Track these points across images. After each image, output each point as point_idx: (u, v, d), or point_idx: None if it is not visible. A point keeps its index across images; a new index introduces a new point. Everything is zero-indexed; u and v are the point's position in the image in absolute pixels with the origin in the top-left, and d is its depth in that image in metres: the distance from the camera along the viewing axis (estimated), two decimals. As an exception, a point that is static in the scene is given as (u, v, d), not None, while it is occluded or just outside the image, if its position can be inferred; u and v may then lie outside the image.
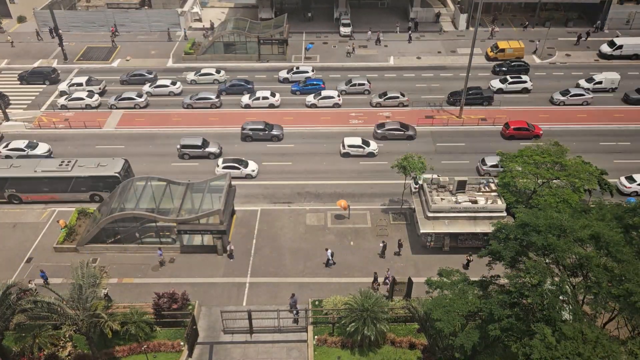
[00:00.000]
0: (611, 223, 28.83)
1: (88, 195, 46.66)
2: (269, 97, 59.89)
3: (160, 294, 35.45)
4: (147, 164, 51.35)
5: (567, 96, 59.52)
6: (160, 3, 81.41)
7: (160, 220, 40.83)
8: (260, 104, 59.88)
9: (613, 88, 61.52)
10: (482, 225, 39.96)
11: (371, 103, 60.30)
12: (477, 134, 55.26)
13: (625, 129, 55.74)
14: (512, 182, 39.54)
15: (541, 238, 27.02)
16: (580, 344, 24.39)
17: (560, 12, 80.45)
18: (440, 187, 42.06)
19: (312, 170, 50.95)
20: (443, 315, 27.91)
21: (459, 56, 70.45)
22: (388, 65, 68.92)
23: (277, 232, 43.77)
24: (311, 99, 60.09)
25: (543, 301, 25.79)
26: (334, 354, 34.30)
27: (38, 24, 77.03)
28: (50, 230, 43.93)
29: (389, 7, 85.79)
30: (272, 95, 60.22)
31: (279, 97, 60.39)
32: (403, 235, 43.33)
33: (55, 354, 33.49)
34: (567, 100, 59.50)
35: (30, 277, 39.43)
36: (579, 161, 40.26)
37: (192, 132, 55.80)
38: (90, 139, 55.52)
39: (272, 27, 70.78)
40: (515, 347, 25.46)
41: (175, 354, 34.47)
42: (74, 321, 31.24)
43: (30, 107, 60.98)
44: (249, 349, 35.14)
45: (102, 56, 71.13)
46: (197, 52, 70.21)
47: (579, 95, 59.39)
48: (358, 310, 33.39)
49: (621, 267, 25.97)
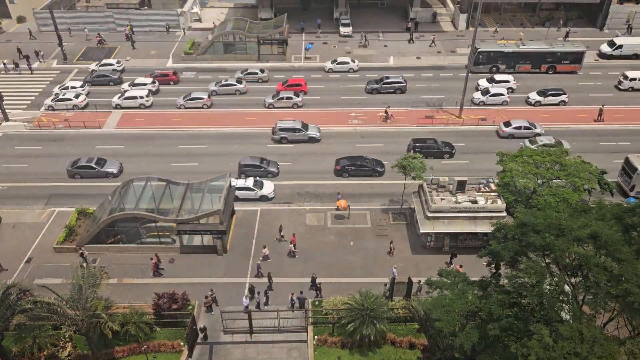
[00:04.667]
0: (610, 223, 28.81)
1: None
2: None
3: (160, 294, 35.46)
4: (147, 164, 51.38)
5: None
6: (160, 3, 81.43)
7: (160, 220, 40.82)
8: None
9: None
10: (482, 225, 39.96)
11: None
12: (477, 134, 55.24)
13: (625, 129, 55.71)
14: (512, 182, 39.54)
15: (539, 238, 27.02)
16: (577, 343, 24.38)
17: (561, 12, 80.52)
18: (440, 187, 42.08)
19: (312, 170, 50.94)
20: (443, 315, 27.92)
21: (459, 56, 70.45)
22: (388, 65, 68.94)
23: (277, 232, 43.73)
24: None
25: (541, 301, 25.79)
26: (334, 354, 34.30)
27: (38, 24, 77.15)
28: (50, 231, 43.93)
29: (389, 7, 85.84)
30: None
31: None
32: (403, 235, 43.33)
33: (55, 354, 33.46)
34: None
35: (30, 277, 39.46)
36: (579, 161, 40.29)
37: (195, 133, 55.70)
38: (90, 139, 55.51)
39: (271, 27, 70.83)
40: (515, 347, 25.46)
41: (175, 354, 34.46)
42: (73, 321, 31.27)
43: (30, 107, 61.07)
44: (249, 349, 35.12)
45: (102, 56, 71.12)
46: (197, 52, 70.22)
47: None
48: (358, 309, 33.41)
49: (620, 267, 25.97)
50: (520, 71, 65.70)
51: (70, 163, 50.28)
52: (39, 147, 54.60)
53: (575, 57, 64.96)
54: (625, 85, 62.00)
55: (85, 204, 46.40)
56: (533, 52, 65.04)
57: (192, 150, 53.74)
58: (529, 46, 65.51)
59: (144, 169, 50.25)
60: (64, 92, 60.92)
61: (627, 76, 62.15)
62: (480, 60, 65.22)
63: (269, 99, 60.07)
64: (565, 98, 59.51)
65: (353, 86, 64.18)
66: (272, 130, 54.53)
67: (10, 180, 50.02)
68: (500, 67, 65.62)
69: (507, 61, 65.37)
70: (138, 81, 62.80)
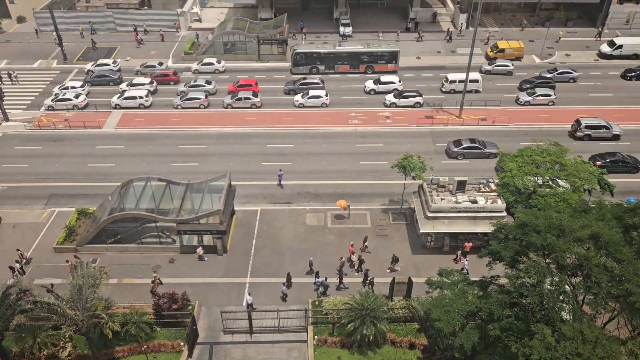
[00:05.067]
0: (611, 223, 28.81)
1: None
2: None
3: (160, 294, 35.45)
4: (147, 164, 51.38)
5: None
6: (160, 3, 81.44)
7: (160, 220, 40.81)
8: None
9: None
10: (482, 225, 39.96)
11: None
12: (477, 134, 55.21)
13: (625, 128, 55.68)
14: (512, 182, 39.55)
15: (540, 238, 27.01)
16: (579, 344, 24.37)
17: (561, 12, 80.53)
18: (440, 187, 42.08)
19: (312, 170, 50.94)
20: (443, 315, 27.92)
21: (459, 56, 70.46)
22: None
23: (277, 232, 43.74)
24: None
25: (542, 301, 25.79)
26: (334, 354, 34.29)
27: (37, 24, 77.10)
28: (50, 231, 43.92)
29: (389, 7, 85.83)
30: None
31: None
32: (403, 235, 43.34)
33: (55, 354, 33.43)
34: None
35: (29, 278, 39.45)
36: (579, 161, 40.30)
37: (194, 133, 55.81)
38: (90, 140, 55.52)
39: (271, 27, 70.84)
40: (515, 347, 25.45)
41: (175, 354, 34.46)
42: (73, 321, 31.27)
43: (30, 107, 61.07)
44: (249, 349, 35.11)
45: (102, 57, 71.03)
46: (197, 52, 70.23)
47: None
48: (357, 309, 33.40)
49: (621, 267, 25.97)
50: (340, 72, 66.05)
51: (451, 143, 52.13)
52: (39, 147, 54.59)
53: (390, 56, 65.36)
54: (446, 87, 61.80)
55: (85, 204, 46.43)
56: (349, 53, 65.40)
57: (192, 150, 53.75)
58: (345, 47, 65.95)
59: (144, 169, 50.26)
60: (64, 92, 60.92)
61: (448, 78, 62.10)
62: (298, 61, 65.48)
63: (227, 99, 60.32)
64: (421, 100, 59.22)
65: (353, 86, 64.20)
66: (571, 127, 54.18)
67: (10, 180, 50.01)
68: (320, 68, 65.84)
69: (325, 62, 65.62)
70: (136, 81, 62.94)
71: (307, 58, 65.65)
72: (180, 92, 62.04)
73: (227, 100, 60.10)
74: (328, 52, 65.39)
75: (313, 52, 65.49)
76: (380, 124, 57.31)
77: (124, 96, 60.20)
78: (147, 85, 62.42)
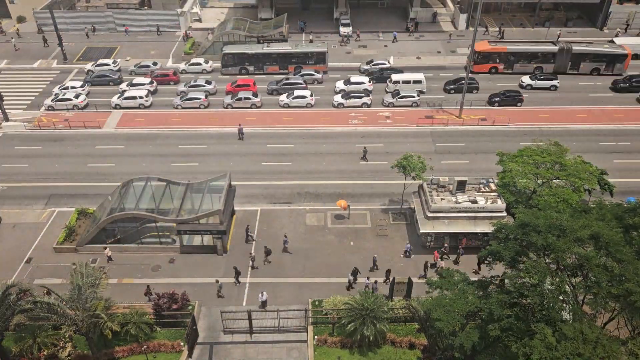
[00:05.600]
0: (611, 223, 28.82)
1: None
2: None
3: (160, 294, 35.44)
4: (147, 164, 51.37)
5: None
6: (160, 3, 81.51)
7: (160, 220, 40.79)
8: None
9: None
10: (482, 225, 39.95)
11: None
12: (477, 134, 55.24)
13: (625, 128, 55.70)
14: (512, 182, 39.52)
15: (541, 238, 27.00)
16: (580, 344, 24.38)
17: (561, 12, 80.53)
18: (440, 187, 42.07)
19: (312, 170, 50.94)
20: (443, 315, 27.90)
21: (459, 56, 70.44)
22: (387, 66, 68.77)
23: (277, 232, 43.72)
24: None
25: (542, 301, 25.79)
26: (334, 354, 34.28)
27: (38, 24, 77.09)
28: (50, 231, 43.91)
29: (389, 7, 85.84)
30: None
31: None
32: (403, 235, 43.33)
33: (55, 354, 33.44)
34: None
35: (30, 278, 39.42)
36: (579, 161, 40.26)
37: (195, 133, 55.79)
38: (90, 139, 55.52)
39: (271, 27, 70.84)
40: (515, 347, 25.45)
41: (175, 354, 34.44)
42: (73, 321, 31.25)
43: (30, 107, 61.05)
44: (249, 349, 35.09)
45: (102, 57, 71.07)
46: (197, 52, 70.24)
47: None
48: (358, 309, 33.39)
49: (621, 267, 25.98)
50: (269, 72, 66.15)
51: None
52: (39, 147, 54.59)
53: (318, 57, 65.51)
54: (390, 87, 61.47)
55: (85, 204, 46.42)
56: (277, 53, 65.51)
57: (192, 150, 53.75)
58: (273, 47, 66.03)
59: (144, 169, 50.26)
60: (64, 92, 60.92)
61: (392, 79, 61.94)
62: (227, 62, 65.59)
63: (227, 99, 60.33)
64: (368, 100, 59.23)
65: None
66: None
67: (10, 180, 50.01)
68: (249, 69, 65.94)
69: (254, 62, 65.68)
70: (136, 81, 62.90)
71: (236, 59, 65.63)
72: (180, 92, 62.04)
73: (227, 100, 60.12)
74: (256, 52, 65.31)
75: (242, 52, 65.35)
76: (380, 124, 57.33)
77: (124, 96, 60.20)
78: (147, 85, 62.42)
